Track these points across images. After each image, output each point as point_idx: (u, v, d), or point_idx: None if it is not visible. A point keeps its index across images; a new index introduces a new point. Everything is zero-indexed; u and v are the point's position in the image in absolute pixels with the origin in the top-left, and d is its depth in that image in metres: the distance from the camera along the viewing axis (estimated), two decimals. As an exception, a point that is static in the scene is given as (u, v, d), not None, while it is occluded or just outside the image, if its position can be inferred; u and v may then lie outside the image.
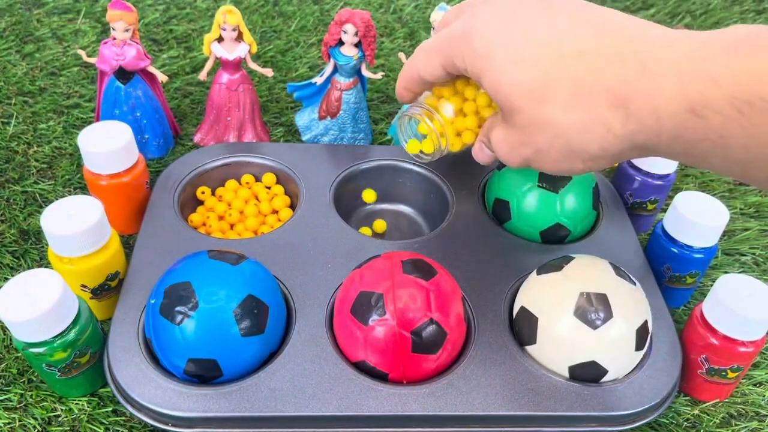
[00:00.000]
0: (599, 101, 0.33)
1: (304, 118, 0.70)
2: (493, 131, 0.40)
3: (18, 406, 0.48)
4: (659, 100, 0.31)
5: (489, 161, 0.45)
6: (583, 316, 0.45)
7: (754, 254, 0.65)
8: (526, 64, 0.34)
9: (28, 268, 0.57)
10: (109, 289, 0.52)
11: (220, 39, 0.64)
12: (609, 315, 0.45)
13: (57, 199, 0.50)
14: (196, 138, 0.71)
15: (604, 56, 0.33)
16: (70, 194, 0.63)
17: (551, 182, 0.57)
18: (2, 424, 0.47)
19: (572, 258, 0.50)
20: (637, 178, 0.62)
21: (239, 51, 0.64)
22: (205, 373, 0.45)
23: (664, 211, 0.66)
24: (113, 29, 0.62)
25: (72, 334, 0.44)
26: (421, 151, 0.53)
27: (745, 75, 0.28)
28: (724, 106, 0.29)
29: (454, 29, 0.38)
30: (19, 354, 0.51)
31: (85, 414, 0.48)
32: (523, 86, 0.34)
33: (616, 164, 0.68)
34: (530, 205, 0.57)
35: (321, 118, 0.68)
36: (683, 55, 0.31)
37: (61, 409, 0.48)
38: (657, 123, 0.32)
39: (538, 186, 0.57)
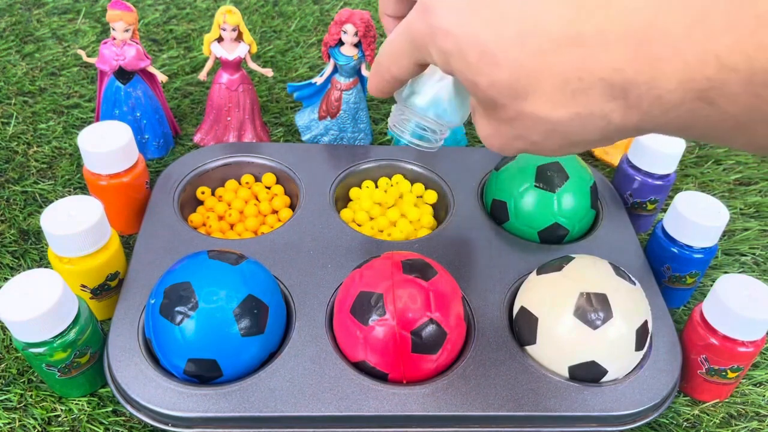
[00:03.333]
0: (592, 93, 0.29)
1: (304, 118, 0.70)
2: (478, 125, 0.36)
3: (18, 406, 0.48)
4: (662, 88, 0.27)
5: None
6: (583, 316, 0.45)
7: (754, 254, 0.65)
8: (502, 63, 0.30)
9: (28, 268, 0.57)
10: (109, 289, 0.52)
11: (220, 39, 0.64)
12: (609, 315, 0.45)
13: (57, 199, 0.50)
14: (196, 138, 0.71)
15: (587, 42, 0.28)
16: (70, 194, 0.63)
17: (548, 182, 0.57)
18: (2, 424, 0.47)
19: (572, 258, 0.50)
20: (637, 178, 0.62)
21: (239, 51, 0.64)
22: (205, 373, 0.45)
23: (664, 211, 0.66)
24: (113, 29, 0.62)
25: (72, 334, 0.44)
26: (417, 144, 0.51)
27: (762, 53, 0.24)
28: (740, 92, 0.25)
29: (414, 28, 0.34)
30: (19, 354, 0.51)
31: (85, 414, 0.48)
32: (502, 84, 0.31)
33: (616, 164, 0.68)
34: (528, 205, 0.57)
35: (321, 118, 0.68)
36: (680, 30, 0.26)
37: (61, 409, 0.48)
38: (663, 114, 0.28)
39: (535, 186, 0.57)
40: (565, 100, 0.30)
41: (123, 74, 0.64)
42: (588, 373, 0.47)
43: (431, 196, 0.64)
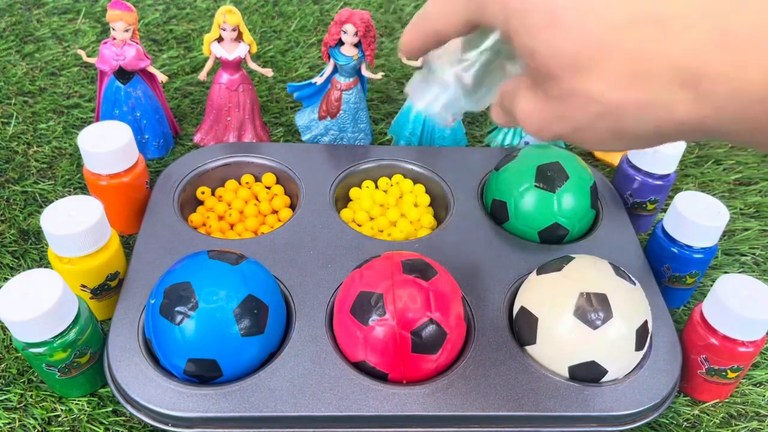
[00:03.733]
0: (660, 78, 0.27)
1: (304, 118, 0.70)
2: (520, 100, 0.33)
3: (18, 406, 0.48)
4: (744, 80, 0.25)
5: (509, 126, 0.39)
6: (582, 316, 0.45)
7: (754, 254, 0.65)
8: (568, 32, 0.28)
9: (28, 268, 0.57)
10: (109, 289, 0.52)
11: (220, 39, 0.64)
12: (609, 315, 0.45)
13: (57, 199, 0.50)
14: (196, 138, 0.71)
15: (666, 22, 0.26)
16: (70, 194, 0.63)
17: (548, 182, 0.57)
18: (2, 424, 0.47)
19: (572, 258, 0.50)
20: (637, 178, 0.62)
21: (239, 51, 0.64)
22: (205, 373, 0.45)
23: (664, 211, 0.66)
24: (113, 29, 0.62)
25: (72, 334, 0.44)
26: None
27: None
28: None
29: None
30: (19, 354, 0.51)
31: (85, 414, 0.48)
32: (564, 55, 0.28)
33: (616, 164, 0.68)
34: (528, 205, 0.57)
35: (321, 118, 0.68)
36: None
37: (61, 409, 0.48)
38: (739, 110, 0.26)
39: (535, 186, 0.57)
40: (627, 82, 0.28)
41: (123, 74, 0.64)
42: (588, 373, 0.47)
43: (424, 198, 0.64)
